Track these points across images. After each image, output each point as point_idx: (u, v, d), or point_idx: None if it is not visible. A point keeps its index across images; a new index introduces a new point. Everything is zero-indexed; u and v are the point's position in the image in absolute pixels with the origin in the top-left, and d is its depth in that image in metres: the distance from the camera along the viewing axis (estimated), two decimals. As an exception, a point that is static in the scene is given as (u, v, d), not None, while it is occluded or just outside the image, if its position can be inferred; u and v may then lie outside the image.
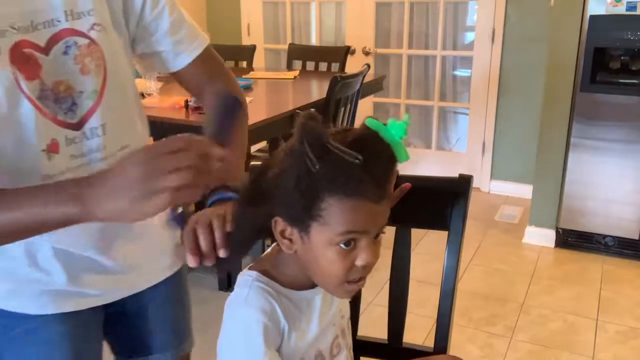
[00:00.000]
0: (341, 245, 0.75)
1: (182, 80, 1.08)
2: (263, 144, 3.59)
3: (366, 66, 2.88)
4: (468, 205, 1.13)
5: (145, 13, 0.98)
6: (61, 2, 0.86)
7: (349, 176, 0.72)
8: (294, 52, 3.89)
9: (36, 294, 0.95)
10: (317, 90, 3.24)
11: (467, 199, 1.13)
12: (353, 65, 3.73)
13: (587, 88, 2.81)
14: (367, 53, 4.12)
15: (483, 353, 2.24)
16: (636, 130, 2.78)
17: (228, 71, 1.14)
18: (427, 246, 2.86)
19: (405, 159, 0.77)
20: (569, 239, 3.06)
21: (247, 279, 0.82)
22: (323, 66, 3.77)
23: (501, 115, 3.81)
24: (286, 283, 0.83)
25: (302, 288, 0.84)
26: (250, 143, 2.36)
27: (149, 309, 1.11)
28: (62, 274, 0.94)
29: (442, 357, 1.13)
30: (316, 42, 4.39)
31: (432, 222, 1.16)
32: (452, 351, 1.17)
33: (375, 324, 1.30)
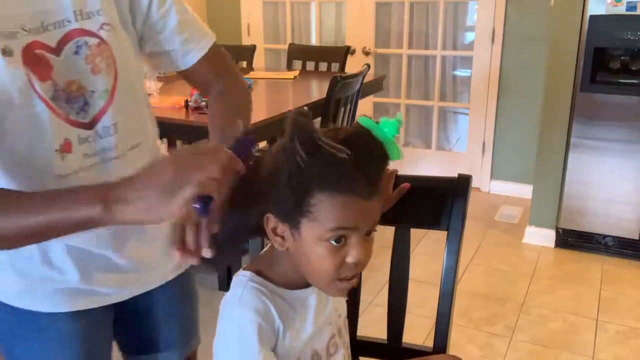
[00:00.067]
0: (331, 241, 0.76)
1: (189, 77, 1.09)
2: (263, 144, 3.59)
3: (366, 66, 2.88)
4: (467, 205, 1.13)
5: (151, 11, 0.98)
6: (71, 3, 0.87)
7: (339, 172, 0.73)
8: (294, 52, 3.89)
9: (49, 292, 0.96)
10: (317, 90, 3.24)
11: (467, 199, 1.13)
12: (353, 65, 3.73)
13: (587, 88, 2.81)
14: (367, 53, 4.12)
15: (483, 353, 2.24)
16: (636, 130, 2.78)
17: (234, 67, 1.15)
18: (427, 246, 2.86)
19: (397, 157, 0.78)
20: (569, 239, 3.06)
21: (241, 279, 0.83)
22: (323, 66, 3.77)
23: (501, 115, 3.81)
24: (280, 282, 0.83)
25: (297, 287, 0.84)
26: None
27: (158, 308, 1.12)
28: (75, 272, 0.95)
29: (441, 357, 1.13)
30: (316, 42, 4.39)
31: (432, 222, 1.16)
32: (452, 351, 1.17)
33: (374, 324, 1.30)
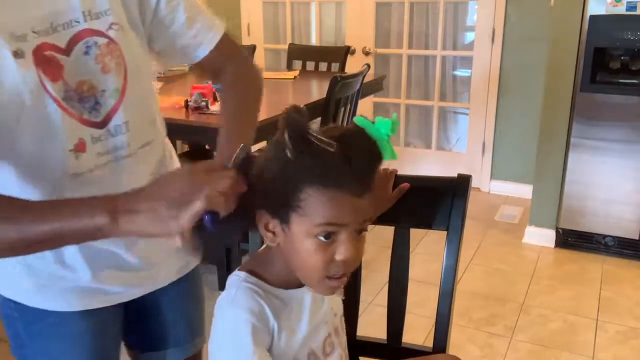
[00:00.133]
0: (320, 237, 0.76)
1: (198, 67, 1.09)
2: (263, 144, 3.58)
3: (366, 66, 2.88)
4: (467, 205, 1.14)
5: (160, 7, 0.99)
6: (79, 3, 0.87)
7: (329, 167, 0.73)
8: (294, 52, 3.89)
9: (61, 291, 0.97)
10: (317, 90, 3.24)
11: (466, 199, 1.13)
12: (353, 65, 3.73)
13: (587, 88, 2.80)
14: (367, 53, 4.12)
15: (483, 353, 2.24)
16: (636, 130, 2.78)
17: (242, 52, 1.16)
18: (427, 246, 2.86)
19: (390, 157, 0.79)
20: (569, 239, 3.06)
21: (235, 280, 0.83)
22: (323, 66, 3.77)
23: (501, 115, 3.81)
24: (275, 282, 0.83)
25: (291, 287, 0.84)
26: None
27: (166, 305, 1.13)
28: (87, 271, 0.97)
29: (440, 357, 1.13)
30: (316, 42, 4.39)
31: (432, 222, 1.16)
32: (452, 351, 1.17)
33: (374, 324, 1.30)
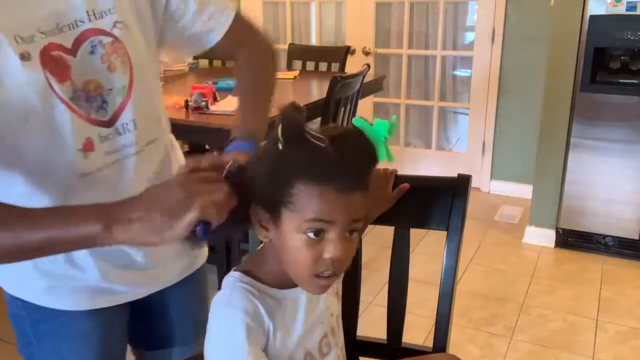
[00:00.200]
0: (309, 234, 0.75)
1: (214, 51, 1.09)
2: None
3: (366, 66, 2.88)
4: (467, 205, 1.14)
5: (171, 0, 0.99)
6: (82, 3, 0.87)
7: (321, 163, 0.74)
8: (294, 52, 3.89)
9: (70, 290, 0.98)
10: (317, 90, 3.24)
11: (466, 199, 1.13)
12: (353, 65, 3.73)
13: (587, 88, 2.81)
14: (367, 53, 4.12)
15: (483, 353, 2.24)
16: (636, 130, 2.78)
17: (256, 32, 1.15)
18: (427, 246, 2.86)
19: (384, 158, 0.79)
20: (569, 239, 3.06)
21: (230, 280, 0.83)
22: (323, 66, 3.77)
23: (501, 115, 3.81)
24: (270, 282, 0.83)
25: (286, 286, 0.84)
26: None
27: (172, 305, 1.14)
28: (96, 271, 0.97)
29: (440, 356, 1.13)
30: (316, 42, 4.39)
31: (432, 222, 1.16)
32: (452, 351, 1.17)
33: (374, 324, 1.30)
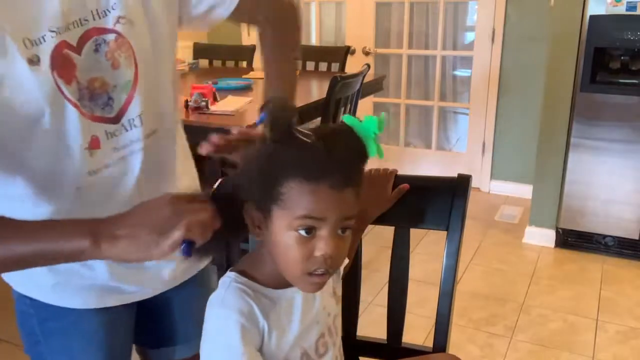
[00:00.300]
0: (300, 231, 0.75)
1: (232, 18, 1.09)
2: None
3: (366, 66, 2.88)
4: (467, 205, 1.14)
5: None
6: (89, 1, 0.87)
7: (311, 160, 0.74)
8: (294, 52, 3.88)
9: (78, 289, 0.99)
10: (317, 90, 3.24)
11: (466, 199, 1.13)
12: (353, 65, 3.73)
13: (587, 88, 2.80)
14: (367, 53, 4.12)
15: (483, 353, 2.24)
16: (636, 130, 2.78)
17: None
18: (427, 246, 2.86)
19: (374, 154, 0.80)
20: (569, 239, 3.06)
21: (226, 280, 0.83)
22: (323, 66, 3.77)
23: (501, 115, 3.81)
24: (265, 282, 0.83)
25: (282, 286, 0.84)
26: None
27: (177, 304, 1.14)
28: (105, 270, 0.98)
29: (439, 356, 1.13)
30: (316, 42, 4.39)
31: (432, 222, 1.16)
32: (452, 351, 1.17)
33: (374, 324, 1.30)
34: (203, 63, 3.88)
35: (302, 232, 0.76)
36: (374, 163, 1.20)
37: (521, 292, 2.67)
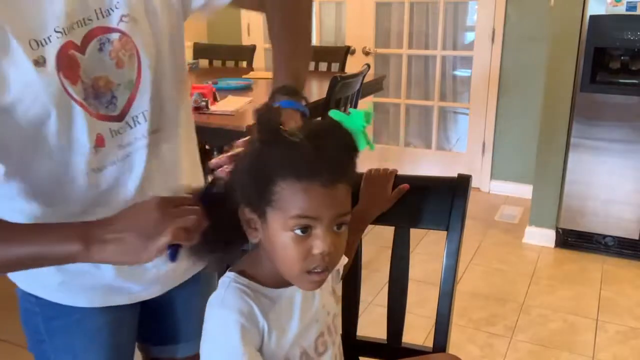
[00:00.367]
0: (296, 231, 0.76)
1: (235, 3, 1.08)
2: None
3: (366, 66, 2.88)
4: (467, 205, 1.14)
5: None
6: (93, 0, 0.87)
7: (300, 160, 0.74)
8: (294, 52, 3.88)
9: (84, 288, 0.99)
10: (317, 90, 3.24)
11: (466, 199, 1.13)
12: (353, 65, 3.73)
13: (587, 88, 2.81)
14: (367, 53, 4.12)
15: (483, 353, 2.24)
16: (636, 130, 2.78)
17: None
18: (427, 246, 2.86)
19: (364, 147, 0.79)
20: (569, 239, 3.06)
21: (225, 281, 0.83)
22: (323, 66, 3.77)
23: (501, 115, 3.81)
24: (264, 281, 0.83)
25: (281, 285, 0.84)
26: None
27: (180, 302, 1.15)
28: (111, 269, 0.98)
29: (439, 356, 1.13)
30: (316, 42, 4.39)
31: (432, 222, 1.16)
32: (452, 351, 1.17)
33: (374, 324, 1.30)
34: (203, 63, 3.88)
35: (298, 232, 0.76)
36: (374, 163, 1.20)
37: (521, 292, 2.67)
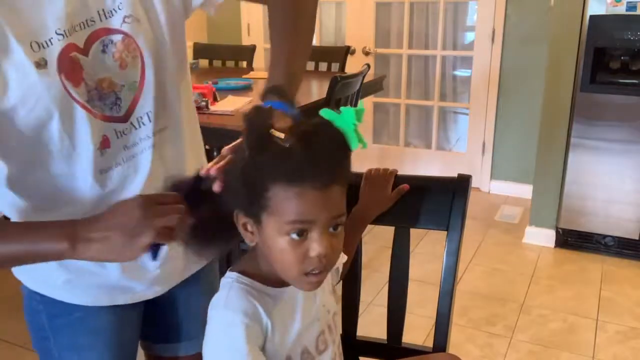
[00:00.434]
0: (292, 235, 0.75)
1: None
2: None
3: (366, 66, 2.88)
4: (467, 204, 1.14)
5: None
6: (93, 2, 0.87)
7: (291, 163, 0.73)
8: (294, 52, 3.88)
9: (89, 286, 1.00)
10: (317, 90, 3.24)
11: (466, 199, 1.13)
12: (353, 65, 3.73)
13: (587, 88, 2.80)
14: (367, 53, 4.12)
15: (483, 353, 2.24)
16: (636, 130, 2.78)
17: None
18: (427, 246, 2.86)
19: (357, 146, 0.78)
20: (569, 239, 3.06)
21: (228, 281, 0.83)
22: (323, 66, 3.77)
23: (501, 115, 3.81)
24: (266, 280, 0.83)
25: (282, 284, 0.84)
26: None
27: (182, 301, 1.15)
28: (116, 268, 0.98)
29: (439, 356, 1.13)
30: (316, 42, 4.39)
31: (432, 222, 1.16)
32: (452, 351, 1.17)
33: (374, 324, 1.30)
34: (203, 63, 3.88)
35: (294, 236, 0.75)
36: (374, 163, 1.20)
37: (521, 292, 2.67)
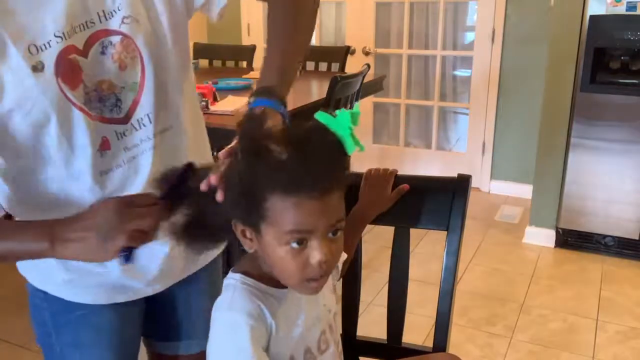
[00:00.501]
0: (292, 245, 0.75)
1: None
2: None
3: (366, 66, 2.88)
4: (467, 204, 1.14)
5: None
6: (94, 3, 0.87)
7: (286, 173, 0.72)
8: (294, 52, 3.87)
9: (90, 285, 1.01)
10: (317, 90, 3.24)
11: (466, 199, 1.13)
12: (353, 65, 3.73)
13: (587, 88, 2.81)
14: (367, 53, 4.12)
15: (483, 353, 2.24)
16: (636, 130, 2.78)
17: None
18: (427, 246, 2.86)
19: (353, 150, 0.77)
20: (569, 239, 3.06)
21: (232, 282, 0.83)
22: (323, 66, 3.77)
23: (501, 115, 3.81)
24: (269, 281, 0.83)
25: (285, 285, 0.84)
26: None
27: (183, 299, 1.15)
28: (117, 268, 0.99)
29: (439, 355, 1.14)
30: (316, 42, 4.39)
31: (432, 222, 1.16)
32: (452, 351, 1.17)
33: (374, 324, 1.30)
34: (203, 63, 3.88)
35: (294, 245, 0.75)
36: (374, 163, 1.20)
37: (521, 292, 2.67)
